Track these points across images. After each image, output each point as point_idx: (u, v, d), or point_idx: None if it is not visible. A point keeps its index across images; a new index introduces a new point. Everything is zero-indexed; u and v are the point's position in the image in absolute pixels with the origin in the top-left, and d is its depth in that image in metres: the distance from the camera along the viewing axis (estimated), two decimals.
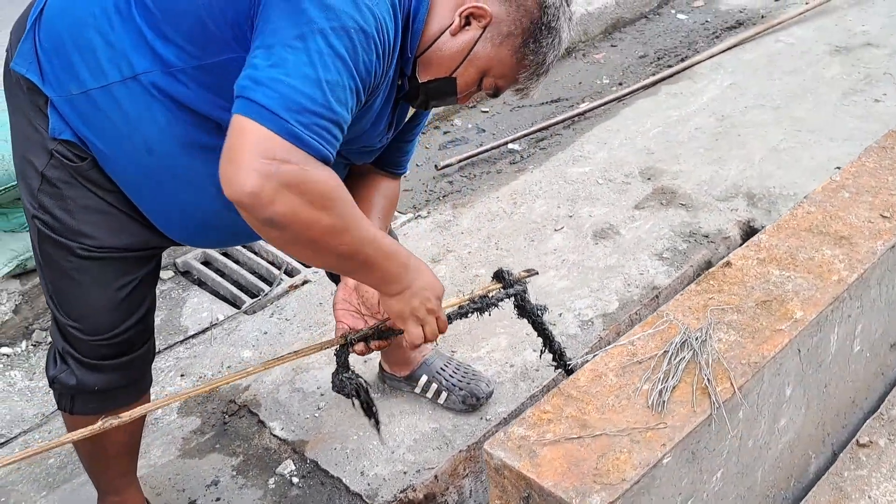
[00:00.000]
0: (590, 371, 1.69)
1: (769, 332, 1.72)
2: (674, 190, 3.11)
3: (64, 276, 1.59)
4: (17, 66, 1.52)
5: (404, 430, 2.23)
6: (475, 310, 1.71)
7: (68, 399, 1.70)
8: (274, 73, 1.24)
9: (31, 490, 2.20)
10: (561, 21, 1.50)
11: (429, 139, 3.75)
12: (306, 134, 1.23)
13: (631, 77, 4.11)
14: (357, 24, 1.29)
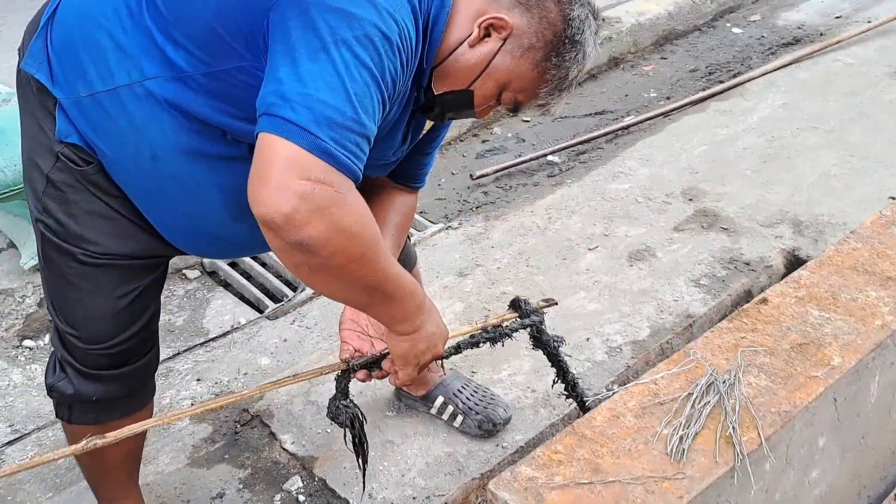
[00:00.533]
0: (607, 410, 1.59)
1: (803, 378, 1.61)
2: (716, 213, 2.98)
3: (65, 281, 1.54)
4: (27, 66, 1.48)
5: (416, 453, 2.16)
6: (487, 340, 1.62)
7: (66, 408, 1.65)
8: (301, 88, 1.18)
9: (38, 490, 2.18)
10: (586, 35, 1.42)
11: (466, 147, 3.68)
12: (338, 150, 1.18)
13: (679, 91, 3.98)
14: (380, 32, 1.23)
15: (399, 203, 1.73)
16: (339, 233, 1.20)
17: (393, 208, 1.72)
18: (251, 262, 3.01)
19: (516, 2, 1.40)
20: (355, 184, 1.23)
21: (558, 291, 2.67)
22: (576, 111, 3.91)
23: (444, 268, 2.85)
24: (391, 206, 1.72)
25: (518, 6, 1.40)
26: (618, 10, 4.37)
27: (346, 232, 1.20)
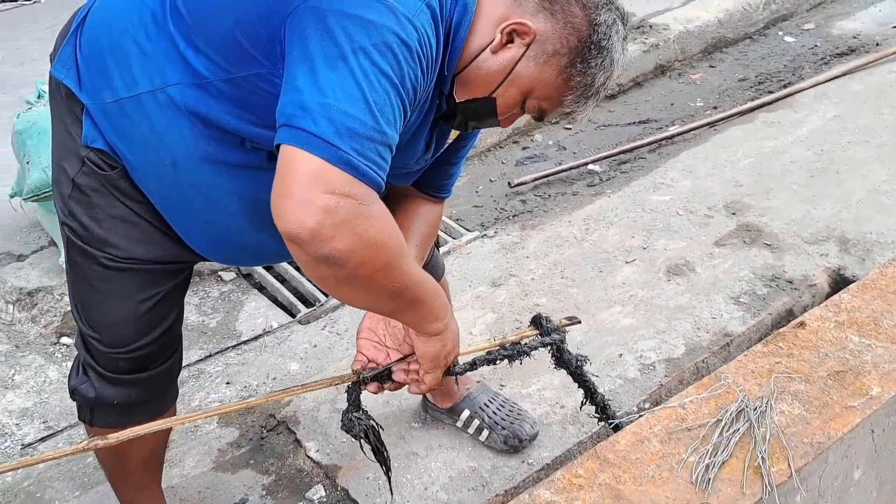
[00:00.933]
0: (632, 434, 1.55)
1: (839, 408, 1.55)
2: (759, 228, 2.90)
3: (88, 284, 1.54)
4: (57, 71, 1.48)
5: (440, 466, 2.13)
6: (504, 357, 1.58)
7: (88, 411, 1.66)
8: (321, 98, 1.15)
9: (66, 488, 2.19)
10: (613, 40, 1.37)
11: (506, 154, 3.63)
12: (361, 161, 1.15)
13: (727, 101, 3.89)
14: (399, 38, 1.20)
15: (424, 213, 1.70)
16: (365, 244, 1.18)
17: (418, 218, 1.69)
18: (286, 266, 3.01)
19: (541, 7, 1.36)
20: (379, 193, 1.21)
21: (592, 305, 2.62)
22: (619, 119, 3.84)
23: (477, 277, 2.81)
24: (416, 216, 1.69)
25: (542, 11, 1.36)
26: (666, 16, 4.29)
27: (371, 243, 1.18)
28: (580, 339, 2.49)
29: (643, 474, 1.45)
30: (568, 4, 1.35)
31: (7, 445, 2.36)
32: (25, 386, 2.55)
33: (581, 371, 1.67)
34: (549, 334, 1.62)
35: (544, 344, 1.62)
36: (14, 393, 2.54)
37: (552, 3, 1.35)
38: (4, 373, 2.60)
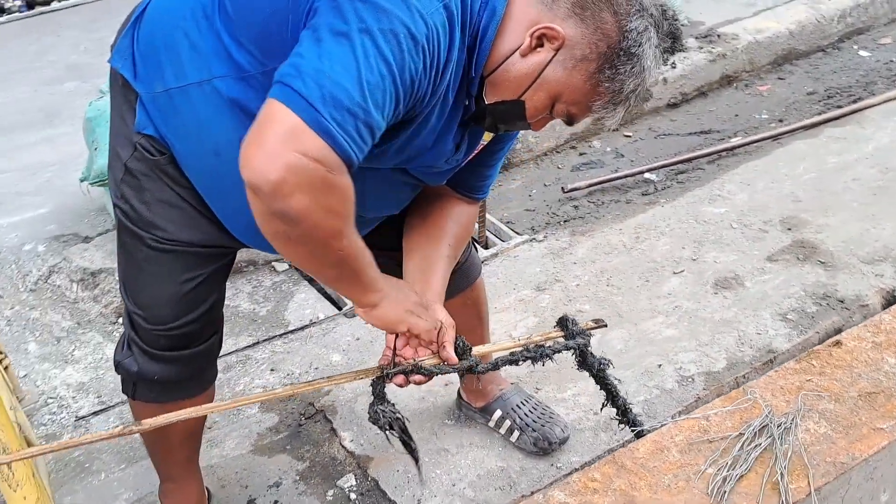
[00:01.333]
0: (652, 442, 1.55)
1: (867, 429, 1.52)
2: (815, 244, 2.84)
3: (135, 264, 1.62)
4: (114, 61, 1.56)
5: (469, 464, 2.15)
6: (528, 358, 1.59)
7: (130, 385, 1.73)
8: (317, 64, 1.19)
9: (113, 461, 2.29)
10: (644, 48, 1.36)
11: (563, 159, 3.63)
12: (338, 131, 1.18)
13: (794, 114, 3.82)
14: (407, 30, 1.23)
15: (458, 213, 1.73)
16: (322, 210, 1.21)
17: (452, 218, 1.72)
18: None
19: (572, 12, 1.36)
20: (350, 169, 1.23)
21: (635, 314, 2.61)
22: (680, 129, 3.80)
23: (522, 280, 2.83)
24: (450, 215, 1.72)
25: (573, 16, 1.36)
26: (735, 26, 4.22)
27: (328, 210, 1.22)
28: (620, 348, 2.48)
29: (659, 483, 1.45)
30: (599, 10, 1.36)
31: (63, 416, 2.47)
32: (84, 362, 2.66)
33: (604, 374, 1.68)
34: (574, 337, 1.63)
35: (568, 347, 1.62)
36: (73, 367, 2.65)
37: (583, 9, 1.36)
38: (65, 348, 2.72)
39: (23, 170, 3.59)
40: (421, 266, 1.68)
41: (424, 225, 1.72)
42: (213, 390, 1.86)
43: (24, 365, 2.65)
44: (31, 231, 3.10)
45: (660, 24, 1.40)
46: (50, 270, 2.92)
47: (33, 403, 2.50)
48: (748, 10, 4.43)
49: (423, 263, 1.68)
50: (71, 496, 2.16)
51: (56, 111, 4.10)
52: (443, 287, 1.67)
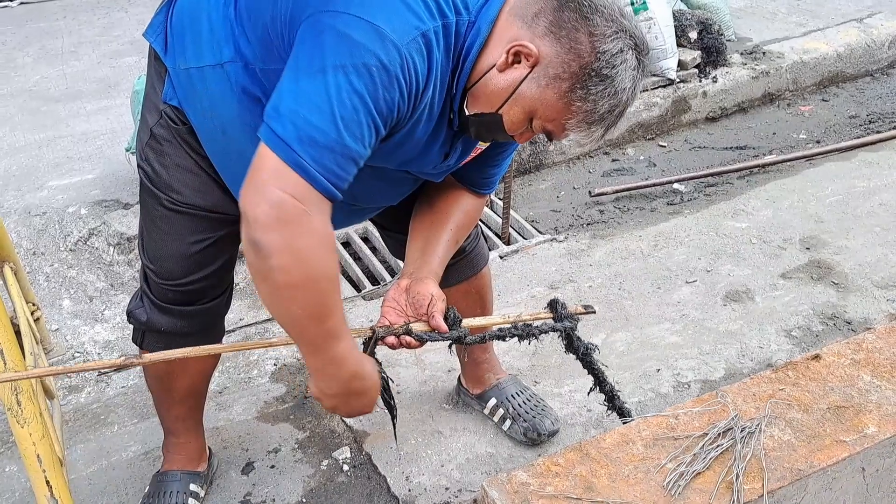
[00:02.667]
0: (619, 434, 1.60)
1: (830, 440, 1.56)
2: (831, 265, 2.85)
3: (151, 222, 1.74)
4: (148, 35, 1.68)
5: (460, 447, 2.23)
6: (515, 336, 1.66)
7: (140, 335, 1.86)
8: (293, 105, 1.30)
9: (127, 415, 2.42)
10: (618, 70, 1.39)
11: (594, 164, 3.68)
12: (314, 168, 1.29)
13: (833, 137, 3.81)
14: (379, 62, 1.30)
15: (464, 202, 1.80)
16: (291, 251, 1.29)
17: (457, 204, 1.79)
18: (361, 245, 3.17)
19: (549, 30, 1.39)
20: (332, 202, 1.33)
21: (642, 318, 2.66)
22: (716, 143, 3.82)
23: (537, 278, 2.89)
24: (457, 203, 1.79)
25: (550, 35, 1.39)
26: (782, 45, 4.22)
27: (297, 253, 1.29)
28: (622, 349, 2.53)
29: (619, 472, 1.51)
30: (575, 30, 1.38)
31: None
32: (112, 321, 2.80)
33: (590, 359, 1.74)
34: (563, 320, 1.69)
35: (555, 329, 1.68)
36: (102, 326, 2.80)
37: (559, 28, 1.38)
38: (97, 307, 2.87)
39: (78, 136, 3.77)
40: (422, 247, 1.76)
41: (430, 211, 1.80)
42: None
43: (57, 320, 2.80)
44: (77, 194, 3.26)
45: (641, 48, 1.42)
46: (90, 233, 3.07)
47: (61, 356, 2.65)
48: (798, 29, 4.42)
49: (424, 244, 1.76)
50: (84, 444, 2.30)
51: (115, 83, 4.29)
52: (440, 266, 1.75)
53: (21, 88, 4.26)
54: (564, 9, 1.39)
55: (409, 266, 1.74)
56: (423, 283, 1.67)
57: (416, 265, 1.73)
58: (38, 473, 1.67)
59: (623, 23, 1.39)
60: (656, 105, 3.83)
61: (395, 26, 1.31)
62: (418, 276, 1.69)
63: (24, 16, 5.35)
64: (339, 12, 1.32)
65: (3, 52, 4.73)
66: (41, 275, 2.96)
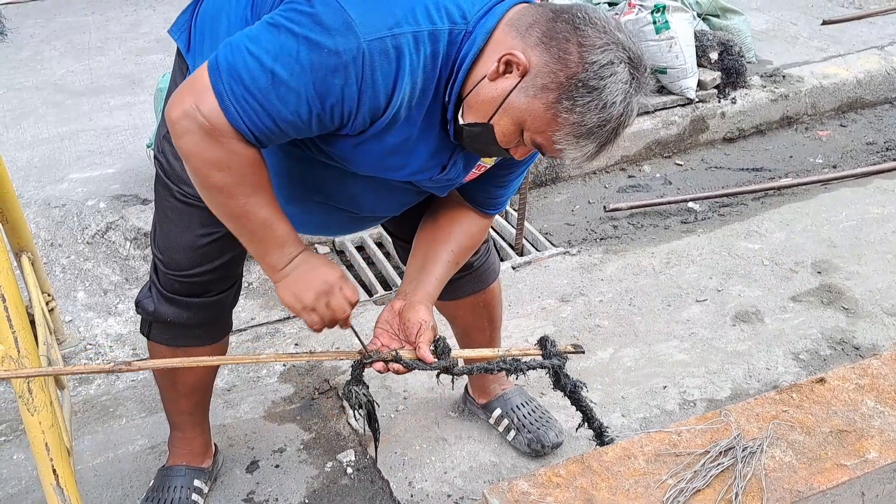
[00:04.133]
0: (621, 449, 1.62)
1: (831, 463, 1.56)
2: (841, 290, 2.85)
3: (162, 212, 1.78)
4: (172, 32, 1.71)
5: (464, 455, 2.24)
6: (503, 370, 1.67)
7: (147, 325, 1.88)
8: (244, 43, 1.37)
9: (136, 409, 2.45)
10: (607, 82, 1.35)
11: (610, 179, 3.70)
12: (230, 100, 1.36)
13: (849, 162, 3.81)
14: (335, 46, 1.33)
15: (468, 223, 1.79)
16: (204, 159, 1.41)
17: (460, 225, 1.78)
18: (375, 249, 3.20)
19: (540, 40, 1.38)
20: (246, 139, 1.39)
21: (651, 335, 2.67)
22: (733, 163, 3.83)
23: (548, 290, 2.90)
24: (460, 223, 1.78)
25: (541, 45, 1.37)
26: (803, 69, 4.22)
27: (211, 162, 1.41)
28: (629, 365, 2.54)
29: (619, 486, 1.52)
30: (565, 41, 1.36)
31: (98, 363, 2.65)
32: (125, 315, 2.83)
33: (577, 396, 1.75)
34: (551, 357, 1.70)
35: (543, 366, 1.70)
36: (115, 319, 2.83)
37: (550, 38, 1.37)
38: (111, 300, 2.91)
39: (100, 131, 3.81)
40: (420, 265, 1.76)
41: (434, 228, 1.79)
42: (226, 345, 1.99)
43: (71, 311, 2.84)
44: (97, 188, 3.30)
45: (636, 62, 1.38)
46: (107, 226, 3.11)
47: (73, 347, 2.68)
48: (819, 54, 4.42)
49: (422, 263, 1.76)
50: (91, 435, 2.33)
51: (139, 79, 4.34)
52: (436, 288, 1.74)
53: (47, 81, 4.32)
54: (558, 20, 1.38)
55: (406, 285, 1.75)
56: (414, 310, 1.67)
57: (412, 285, 1.73)
58: (45, 462, 1.70)
59: (617, 35, 1.37)
60: (674, 123, 3.84)
61: (366, 20, 1.33)
62: (412, 301, 1.69)
63: (53, 10, 5.43)
64: None
65: (31, 45, 4.79)
66: (57, 266, 3.00)
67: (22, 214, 2.31)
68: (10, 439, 2.31)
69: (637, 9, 3.77)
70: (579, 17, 1.38)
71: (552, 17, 1.39)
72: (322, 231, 2.01)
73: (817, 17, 4.86)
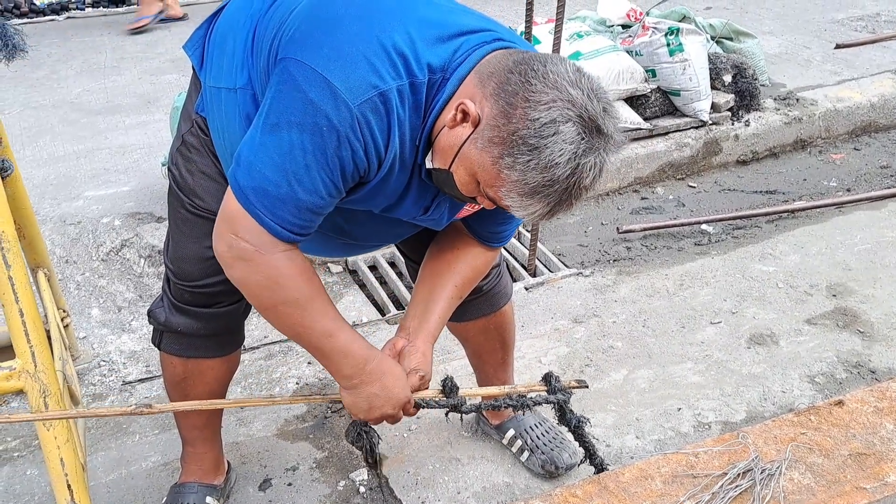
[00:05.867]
0: (638, 469, 1.61)
1: (850, 486, 1.55)
2: (857, 314, 2.84)
3: (174, 223, 1.80)
4: (186, 48, 1.73)
5: (477, 476, 2.23)
6: (509, 406, 1.71)
7: (158, 335, 1.89)
8: (251, 157, 1.40)
9: (149, 425, 2.44)
10: (548, 141, 1.29)
11: (624, 201, 3.70)
12: (266, 216, 1.41)
13: (863, 186, 3.80)
14: (329, 123, 1.35)
15: (473, 255, 1.78)
16: (254, 284, 1.48)
17: (464, 258, 1.78)
18: (388, 269, 3.20)
19: (494, 91, 1.34)
20: (294, 243, 1.46)
21: (665, 357, 2.65)
22: (746, 186, 3.82)
23: (561, 311, 2.90)
24: (464, 256, 1.78)
25: (494, 96, 1.34)
26: (816, 92, 4.23)
27: (259, 284, 1.48)
28: (643, 387, 2.53)
29: None
30: (514, 94, 1.32)
31: (111, 379, 2.65)
32: (139, 332, 2.84)
33: (581, 431, 1.77)
34: (556, 393, 1.73)
35: (549, 401, 1.73)
36: (128, 336, 2.84)
37: (502, 90, 1.33)
38: (125, 317, 2.91)
39: (116, 149, 3.84)
40: (424, 300, 1.77)
41: (438, 259, 1.79)
42: (238, 358, 1.98)
43: (85, 327, 2.84)
44: (112, 206, 3.32)
45: (589, 124, 1.31)
46: (122, 244, 3.13)
47: (86, 363, 2.69)
48: (833, 77, 4.42)
49: (426, 298, 1.77)
50: (105, 452, 2.32)
51: (154, 99, 4.38)
52: (438, 326, 1.76)
53: (63, 100, 4.36)
54: (514, 71, 1.34)
55: (408, 320, 1.77)
56: (411, 355, 1.71)
57: (415, 321, 1.75)
58: (60, 477, 1.70)
59: (570, 92, 1.30)
60: (688, 146, 3.84)
61: (350, 85, 1.34)
62: (411, 346, 1.72)
63: (70, 30, 5.49)
64: (304, 64, 1.36)
65: (48, 65, 4.85)
66: (72, 283, 3.01)
67: (39, 231, 2.33)
68: (23, 455, 2.31)
69: (651, 31, 3.79)
70: (533, 71, 1.33)
71: (510, 67, 1.35)
72: (318, 254, 2.04)
73: (830, 41, 4.87)
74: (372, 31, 1.38)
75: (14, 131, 3.94)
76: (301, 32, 1.41)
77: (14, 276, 1.61)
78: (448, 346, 2.64)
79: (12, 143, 2.34)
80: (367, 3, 1.43)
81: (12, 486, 2.22)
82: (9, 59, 1.89)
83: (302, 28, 1.42)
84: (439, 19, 1.45)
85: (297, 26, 1.43)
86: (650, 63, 3.77)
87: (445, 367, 2.62)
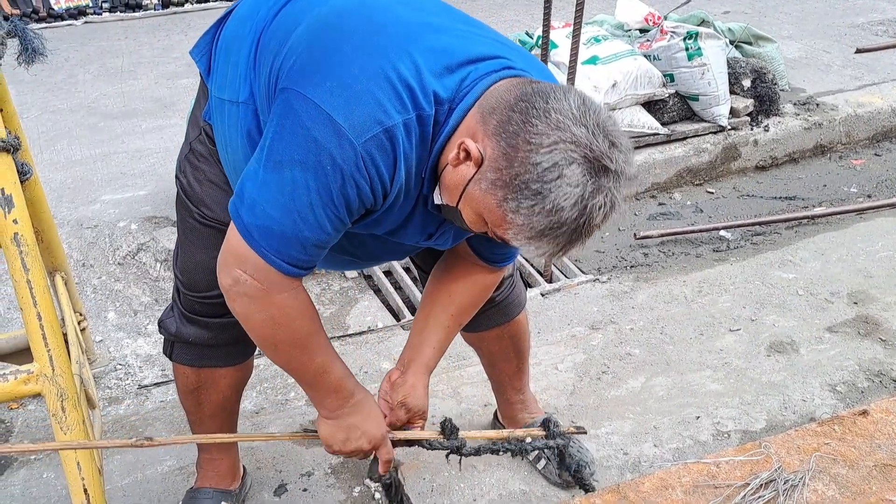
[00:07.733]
0: (659, 479, 1.59)
1: (875, 498, 1.52)
2: (878, 322, 2.80)
3: (182, 233, 1.78)
4: (193, 54, 1.71)
5: (493, 483, 2.21)
6: (508, 451, 1.73)
7: (169, 345, 1.88)
8: (255, 193, 1.38)
9: (165, 429, 2.44)
10: (551, 186, 1.21)
11: (641, 207, 3.67)
12: (270, 255, 1.39)
13: (885, 192, 3.76)
14: (333, 162, 1.31)
15: (472, 281, 1.76)
16: (257, 321, 1.48)
17: (465, 282, 1.75)
18: (402, 274, 3.19)
19: (496, 130, 1.28)
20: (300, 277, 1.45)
21: (683, 364, 2.63)
22: (765, 192, 3.79)
23: (578, 317, 2.88)
24: (464, 280, 1.75)
25: (496, 135, 1.28)
26: (836, 97, 4.19)
27: (262, 322, 1.47)
28: (661, 394, 2.50)
29: None
30: (515, 135, 1.25)
31: (127, 383, 2.65)
32: (155, 335, 2.84)
33: (581, 475, 1.77)
34: (554, 438, 1.73)
35: (548, 446, 1.73)
36: (144, 340, 2.84)
37: (504, 130, 1.27)
38: (141, 321, 2.91)
39: (132, 153, 3.85)
40: (420, 330, 1.78)
41: (439, 283, 1.78)
42: (251, 364, 1.96)
43: (102, 331, 2.84)
44: (128, 210, 3.33)
45: (597, 164, 1.22)
46: (138, 248, 3.13)
47: (103, 367, 2.69)
48: (853, 82, 4.38)
49: (422, 328, 1.78)
50: (121, 455, 2.32)
51: (170, 103, 4.39)
52: (434, 357, 1.77)
53: (80, 104, 4.38)
54: (515, 108, 1.27)
55: (407, 351, 1.78)
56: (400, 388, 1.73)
57: (411, 353, 1.77)
58: (76, 481, 1.69)
59: (573, 132, 1.23)
60: (706, 151, 3.82)
61: (354, 122, 1.29)
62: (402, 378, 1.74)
63: (87, 35, 5.52)
64: (307, 98, 1.31)
65: (66, 69, 4.87)
66: (89, 286, 3.02)
67: (57, 234, 2.33)
68: (39, 458, 2.31)
69: (669, 35, 3.76)
70: (535, 109, 1.25)
71: (512, 104, 1.28)
72: (326, 268, 2.03)
73: (850, 46, 4.83)
74: (377, 61, 1.32)
75: (32, 135, 3.96)
76: (303, 60, 1.36)
77: (32, 280, 1.60)
78: (463, 352, 2.62)
79: (31, 147, 2.34)
80: (372, 30, 1.37)
81: (29, 489, 2.21)
82: (28, 62, 1.89)
83: (305, 56, 1.37)
84: (447, 46, 1.37)
85: (300, 53, 1.38)
86: (668, 67, 3.74)
87: (460, 372, 2.60)
